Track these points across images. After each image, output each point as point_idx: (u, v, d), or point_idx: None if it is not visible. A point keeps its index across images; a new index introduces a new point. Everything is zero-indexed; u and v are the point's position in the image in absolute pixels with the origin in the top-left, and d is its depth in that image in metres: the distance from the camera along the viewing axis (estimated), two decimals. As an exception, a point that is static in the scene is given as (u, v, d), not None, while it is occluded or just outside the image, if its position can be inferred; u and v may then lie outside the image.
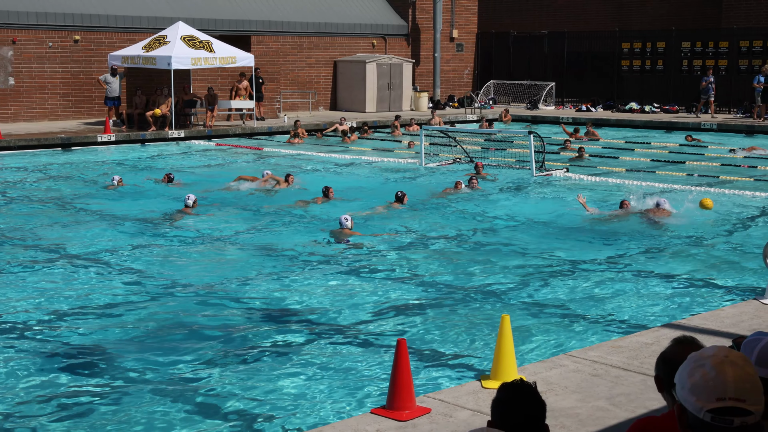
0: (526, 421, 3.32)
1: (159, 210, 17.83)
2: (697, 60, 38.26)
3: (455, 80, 43.15)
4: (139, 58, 30.11)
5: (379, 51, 40.09)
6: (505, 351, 7.67)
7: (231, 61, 31.06)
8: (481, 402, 7.27)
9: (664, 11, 40.87)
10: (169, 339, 10.18)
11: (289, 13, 37.48)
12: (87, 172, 23.06)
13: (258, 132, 31.87)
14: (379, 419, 6.95)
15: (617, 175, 22.81)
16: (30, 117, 31.32)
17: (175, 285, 12.49)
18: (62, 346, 9.96)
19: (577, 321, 10.83)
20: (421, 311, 11.24)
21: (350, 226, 15.37)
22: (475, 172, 21.96)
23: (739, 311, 9.97)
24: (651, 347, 8.59)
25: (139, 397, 8.45)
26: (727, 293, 12.03)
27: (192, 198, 17.57)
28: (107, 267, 13.44)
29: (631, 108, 38.11)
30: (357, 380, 8.87)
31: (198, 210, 17.54)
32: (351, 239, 15.12)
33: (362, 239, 15.17)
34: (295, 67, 37.67)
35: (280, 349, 9.83)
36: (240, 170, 22.76)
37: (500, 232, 16.19)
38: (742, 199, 19.22)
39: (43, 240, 15.34)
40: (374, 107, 37.97)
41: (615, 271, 13.24)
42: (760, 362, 3.58)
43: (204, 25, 33.91)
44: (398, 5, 41.35)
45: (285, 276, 12.98)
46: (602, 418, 6.96)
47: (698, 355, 2.86)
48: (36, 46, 31.18)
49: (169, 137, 29.60)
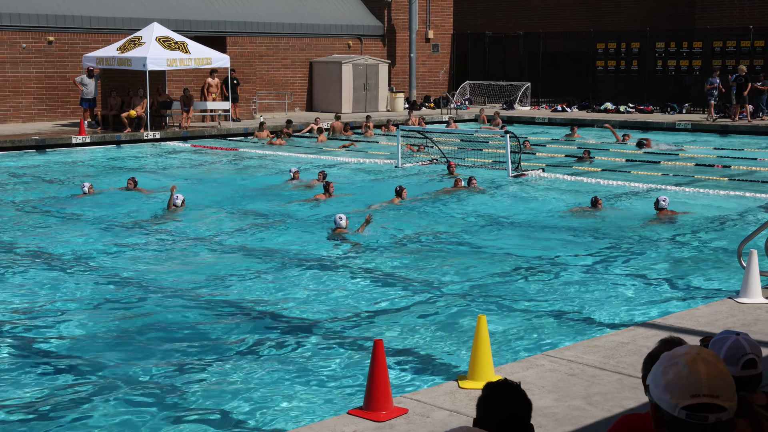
0: (510, 420, 3.31)
1: (143, 211, 17.80)
2: (672, 60, 38.47)
3: (431, 81, 43.21)
4: (114, 59, 29.96)
5: (355, 52, 40.08)
6: (481, 351, 7.68)
7: (206, 62, 30.97)
8: (458, 402, 7.28)
9: (638, 12, 41.07)
10: (143, 339, 10.13)
11: (264, 13, 37.40)
12: (64, 174, 22.92)
13: (234, 133, 31.79)
14: (356, 420, 6.95)
15: (592, 174, 22.90)
16: (4, 119, 31.08)
17: (153, 286, 12.43)
18: (46, 349, 9.89)
19: (553, 320, 10.86)
20: (397, 311, 11.24)
21: (345, 225, 15.43)
22: (448, 171, 22.23)
23: (714, 310, 10.03)
24: (627, 346, 8.63)
25: (111, 398, 8.39)
26: (702, 292, 12.09)
27: (180, 198, 17.62)
28: (88, 269, 13.36)
29: (606, 108, 38.27)
30: (334, 381, 8.86)
31: (186, 210, 17.56)
32: (345, 237, 15.18)
33: (353, 238, 15.19)
34: (271, 68, 37.60)
35: (255, 349, 9.80)
36: (209, 172, 22.67)
37: (476, 232, 16.22)
38: (716, 199, 19.35)
39: (21, 243, 15.22)
40: (350, 108, 37.95)
41: (590, 271, 13.29)
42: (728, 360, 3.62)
43: (179, 26, 33.77)
44: (374, 6, 41.35)
45: (260, 276, 12.95)
46: (579, 418, 6.99)
47: (670, 354, 2.88)
48: (9, 48, 30.95)
49: (145, 138, 29.47)
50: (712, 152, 27.56)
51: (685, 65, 38.06)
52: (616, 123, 33.26)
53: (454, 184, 20.37)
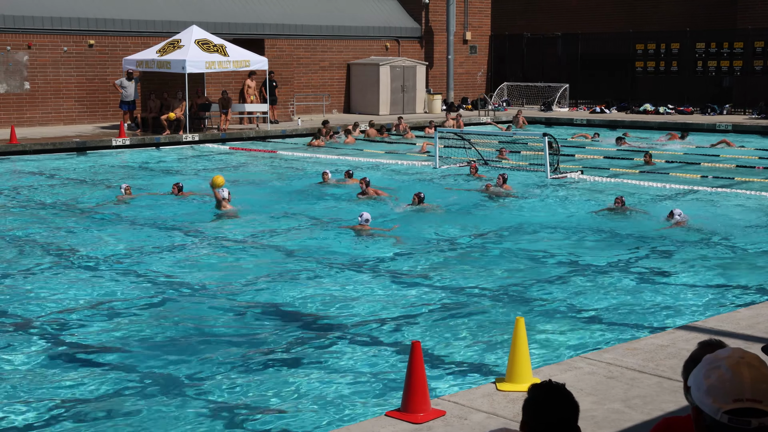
0: (559, 422, 3.29)
1: (173, 216, 17.93)
2: (712, 61, 38.10)
3: (468, 82, 43.11)
4: (153, 62, 30.19)
5: (393, 54, 40.09)
6: (519, 353, 7.64)
7: (245, 64, 31.12)
8: (495, 404, 7.25)
9: (678, 12, 40.74)
10: (182, 341, 10.19)
11: (302, 16, 37.52)
12: (106, 176, 23.14)
13: (272, 135, 31.93)
14: (394, 422, 6.94)
15: (631, 176, 22.73)
16: (45, 121, 31.44)
17: (186, 286, 12.51)
18: (76, 347, 9.98)
19: (592, 323, 10.79)
20: (435, 313, 11.23)
21: (368, 223, 15.55)
22: (470, 172, 22.55)
23: (756, 313, 9.91)
24: (667, 349, 8.55)
25: (149, 398, 8.45)
26: (743, 295, 11.97)
27: (226, 191, 17.89)
28: (118, 269, 13.47)
29: (645, 109, 37.99)
30: (371, 383, 8.86)
31: (225, 215, 17.71)
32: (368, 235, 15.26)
33: (379, 237, 15.22)
34: (309, 70, 37.71)
35: (293, 351, 9.83)
36: (250, 173, 22.77)
37: (514, 234, 16.16)
38: (757, 201, 19.13)
39: (60, 243, 15.38)
40: (387, 110, 37.95)
41: (629, 273, 13.19)
42: None
43: (218, 29, 33.98)
44: (411, 8, 41.34)
45: (298, 277, 12.98)
46: (618, 421, 6.93)
47: (713, 357, 2.83)
48: (51, 51, 31.30)
49: (184, 141, 29.67)
50: (753, 153, 27.27)
51: (725, 66, 37.68)
52: (654, 124, 32.91)
53: (485, 187, 20.26)
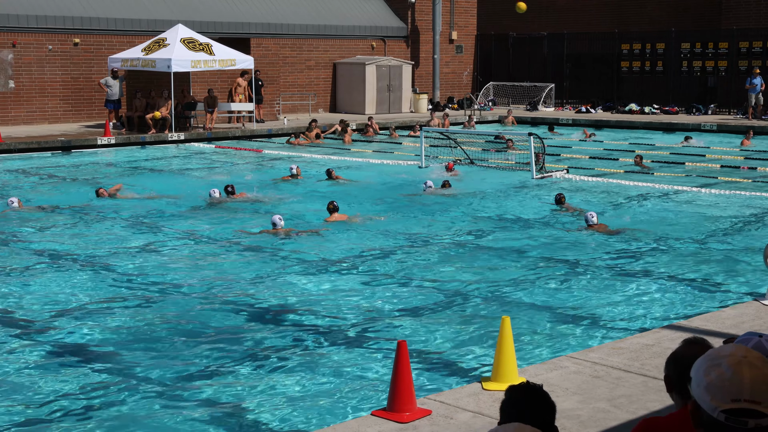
0: (535, 423, 3.30)
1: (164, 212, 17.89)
2: (697, 61, 38.24)
3: (455, 82, 43.15)
4: (138, 60, 30.12)
5: (379, 53, 40.09)
6: (505, 353, 7.66)
7: (231, 63, 31.07)
8: (481, 404, 7.26)
9: (663, 12, 40.88)
10: (167, 341, 10.17)
11: (288, 15, 37.48)
12: (94, 174, 23.07)
13: (258, 134, 31.89)
14: (380, 421, 6.95)
15: (616, 176, 22.80)
16: (30, 120, 31.31)
17: (173, 287, 12.48)
18: (67, 347, 9.95)
19: (577, 322, 10.82)
20: (421, 313, 11.23)
21: (281, 226, 15.69)
22: (446, 170, 22.87)
23: (740, 312, 9.96)
24: (652, 348, 8.59)
25: (135, 398, 8.43)
26: (727, 295, 12.01)
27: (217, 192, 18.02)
28: (103, 267, 13.43)
29: (630, 109, 38.12)
30: (357, 382, 8.86)
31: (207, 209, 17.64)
32: (283, 237, 15.32)
33: (371, 235, 15.19)
34: (295, 69, 37.67)
35: (278, 350, 9.82)
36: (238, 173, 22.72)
37: (499, 233, 16.19)
38: (741, 200, 19.22)
39: (49, 243, 15.33)
40: (374, 109, 37.95)
41: (615, 273, 13.23)
42: None
43: (203, 27, 33.91)
44: (397, 7, 41.35)
45: (284, 277, 12.97)
46: (603, 420, 6.96)
47: (715, 353, 2.79)
48: (36, 49, 31.18)
49: (169, 140, 29.61)
50: (738, 153, 27.40)
51: (710, 66, 37.82)
52: (639, 124, 33.03)
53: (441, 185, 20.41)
